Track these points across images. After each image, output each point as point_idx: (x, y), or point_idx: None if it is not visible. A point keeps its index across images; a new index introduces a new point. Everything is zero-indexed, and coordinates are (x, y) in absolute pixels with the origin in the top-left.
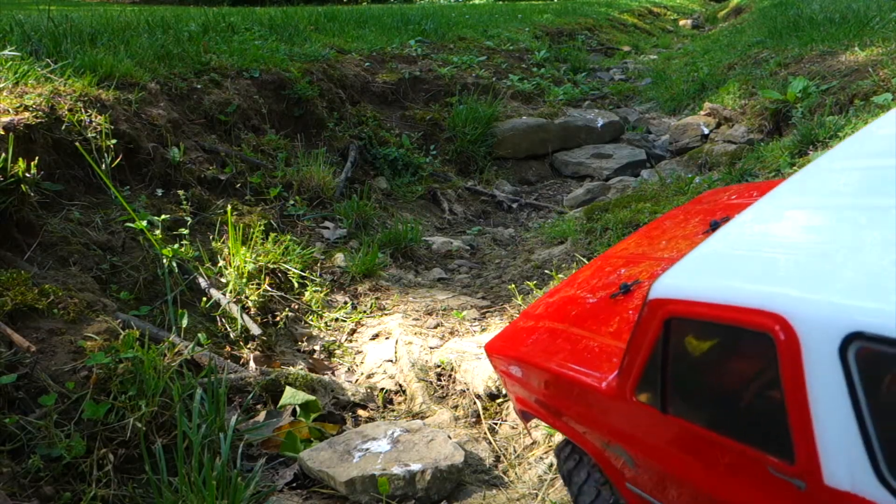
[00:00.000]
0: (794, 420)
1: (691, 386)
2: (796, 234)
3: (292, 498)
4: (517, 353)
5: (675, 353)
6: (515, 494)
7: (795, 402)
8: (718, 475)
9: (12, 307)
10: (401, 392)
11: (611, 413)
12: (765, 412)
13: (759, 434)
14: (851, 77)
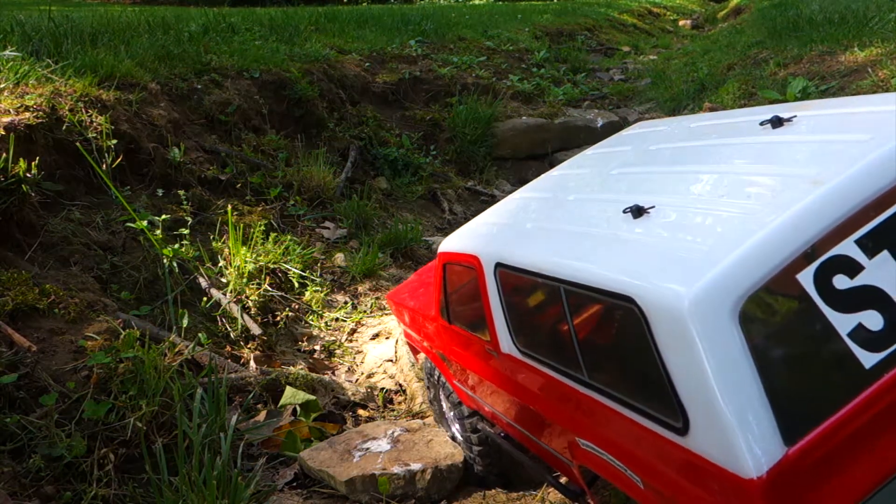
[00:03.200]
0: (487, 316)
1: (455, 303)
2: (499, 216)
3: (292, 497)
4: (400, 300)
5: (448, 284)
6: (515, 494)
7: (486, 305)
8: (470, 354)
9: (13, 307)
10: (401, 392)
11: (435, 331)
12: (478, 313)
13: (478, 327)
14: (851, 77)
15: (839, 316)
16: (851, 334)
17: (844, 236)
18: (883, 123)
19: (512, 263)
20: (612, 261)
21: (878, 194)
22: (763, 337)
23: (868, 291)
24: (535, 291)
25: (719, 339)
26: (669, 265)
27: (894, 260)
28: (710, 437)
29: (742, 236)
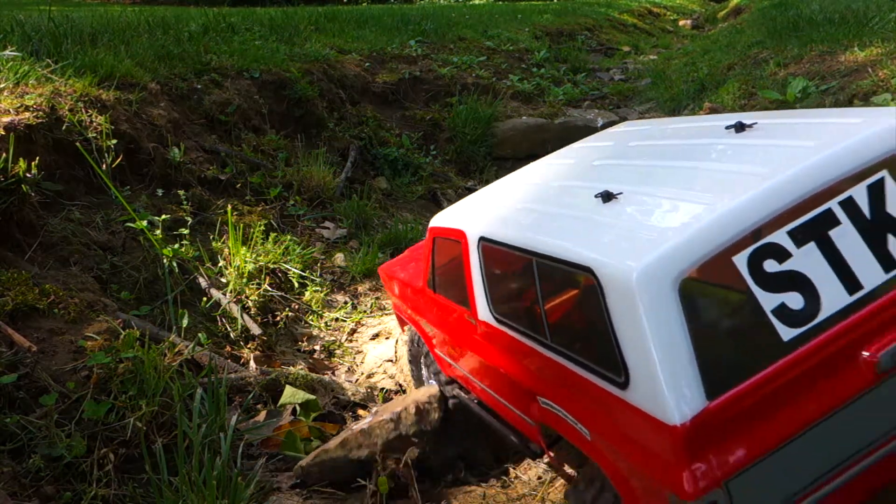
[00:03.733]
0: (468, 286)
1: (440, 274)
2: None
3: (292, 497)
4: (392, 272)
5: (436, 257)
6: (515, 494)
7: (468, 277)
8: (452, 322)
9: (13, 307)
10: (401, 392)
11: (420, 301)
12: (461, 284)
13: (461, 298)
14: (851, 77)
15: (766, 295)
16: (775, 311)
17: (778, 227)
18: (825, 133)
19: (494, 238)
20: (578, 238)
21: (809, 194)
22: (697, 308)
23: (793, 276)
24: (511, 264)
25: (660, 308)
26: (626, 243)
27: (819, 250)
28: (645, 391)
29: (690, 222)
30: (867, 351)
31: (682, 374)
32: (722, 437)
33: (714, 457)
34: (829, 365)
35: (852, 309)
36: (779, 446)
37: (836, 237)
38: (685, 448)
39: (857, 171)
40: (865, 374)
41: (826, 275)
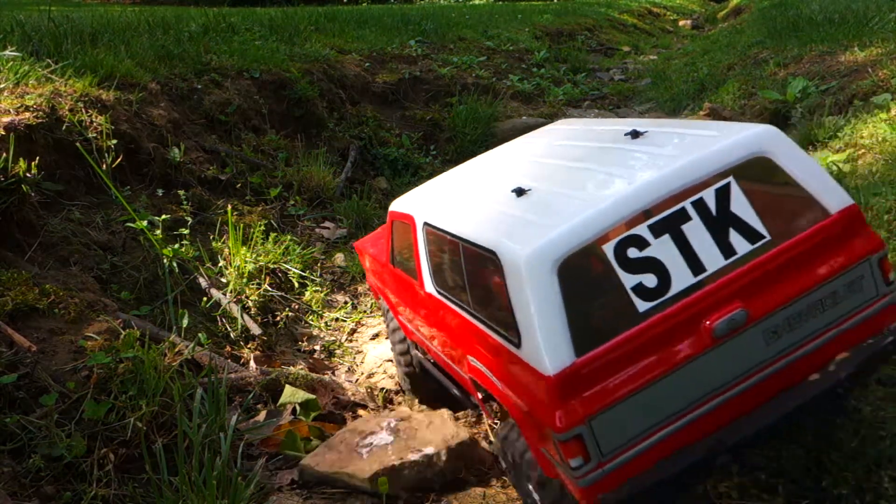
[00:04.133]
0: (416, 263)
1: (397, 252)
2: (431, 187)
3: (292, 497)
4: (364, 248)
5: (394, 236)
6: (515, 494)
7: (416, 254)
8: (406, 293)
9: (13, 307)
10: (401, 392)
11: (385, 274)
12: (412, 261)
13: (411, 270)
14: (851, 77)
15: (627, 276)
16: (633, 288)
17: (641, 222)
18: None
19: (434, 224)
20: (491, 226)
21: (667, 196)
22: (571, 285)
23: (650, 261)
24: (446, 246)
25: (541, 285)
26: (523, 232)
27: (672, 241)
28: (530, 349)
29: (572, 217)
30: (707, 320)
31: (556, 336)
32: (586, 385)
33: (579, 400)
34: (675, 331)
35: (696, 287)
36: (632, 393)
37: (686, 230)
38: (557, 393)
39: (708, 177)
40: (705, 339)
41: (676, 260)
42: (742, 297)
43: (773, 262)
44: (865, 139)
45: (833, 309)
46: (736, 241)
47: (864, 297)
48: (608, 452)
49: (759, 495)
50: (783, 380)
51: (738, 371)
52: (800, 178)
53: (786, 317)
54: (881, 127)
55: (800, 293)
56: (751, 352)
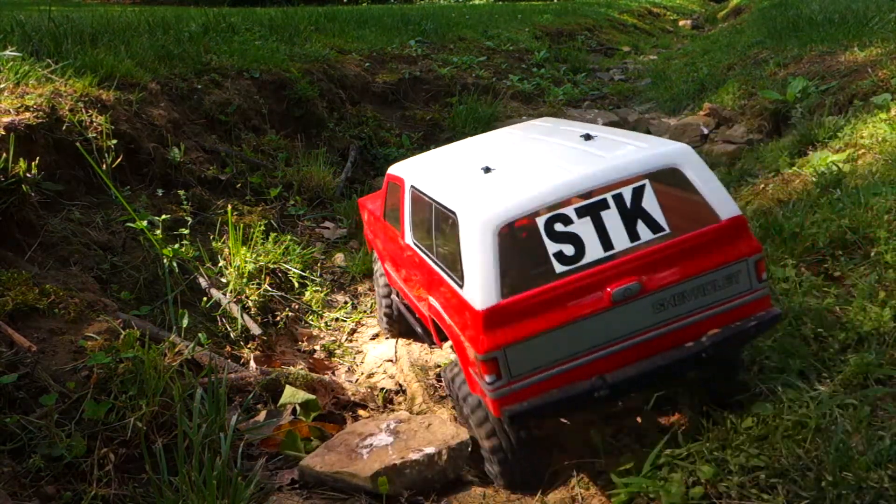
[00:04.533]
0: (401, 218)
1: (388, 208)
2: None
3: (292, 497)
4: (365, 203)
5: (388, 195)
6: (515, 494)
7: (402, 211)
8: (391, 243)
9: (13, 307)
10: (401, 392)
11: (378, 227)
12: (398, 216)
13: (397, 223)
14: (850, 77)
15: (551, 243)
16: (555, 254)
17: (569, 205)
18: (622, 150)
19: (418, 186)
20: (458, 193)
21: (594, 188)
22: (507, 246)
23: (571, 235)
24: (423, 205)
25: (484, 242)
26: (478, 200)
27: (591, 222)
28: (469, 290)
29: (518, 194)
30: (608, 287)
31: (488, 282)
32: (505, 321)
33: (499, 332)
34: (582, 291)
35: (604, 260)
36: (539, 333)
37: (604, 216)
38: (482, 325)
39: (629, 178)
40: (604, 301)
41: (592, 237)
42: (639, 273)
43: (669, 250)
44: (865, 139)
45: (712, 294)
46: (642, 229)
47: (739, 288)
48: (516, 375)
49: (759, 495)
50: (663, 342)
51: (627, 330)
52: (700, 189)
53: (672, 294)
54: (881, 127)
55: (686, 277)
56: (640, 317)
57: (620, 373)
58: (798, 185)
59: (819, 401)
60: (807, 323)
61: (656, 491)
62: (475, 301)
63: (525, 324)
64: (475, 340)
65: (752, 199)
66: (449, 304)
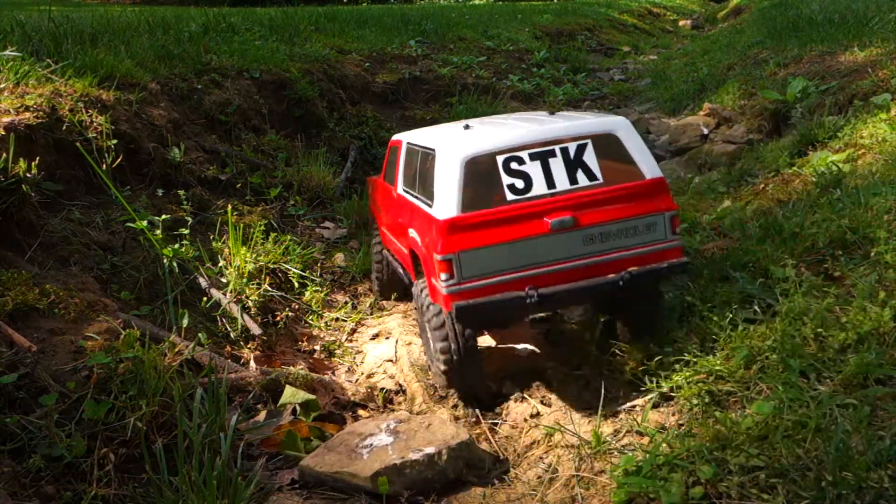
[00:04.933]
0: (396, 173)
1: (387, 168)
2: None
3: (292, 497)
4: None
5: (388, 158)
6: (515, 494)
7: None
8: (386, 198)
9: (13, 307)
10: (401, 392)
11: (378, 189)
12: (394, 172)
13: (392, 180)
14: (851, 77)
15: (506, 177)
16: (507, 186)
17: (524, 150)
18: (574, 120)
19: (411, 142)
20: (439, 139)
21: (546, 140)
22: (470, 175)
23: (523, 173)
24: (415, 155)
25: (452, 172)
26: (453, 142)
27: (540, 165)
28: (437, 206)
29: (484, 140)
30: (547, 217)
31: (450, 199)
32: (460, 232)
33: (455, 239)
34: (525, 217)
35: (546, 196)
36: (487, 246)
37: (551, 162)
38: (443, 232)
39: (575, 137)
40: (543, 228)
41: (539, 177)
42: (573, 210)
43: (600, 195)
44: (865, 139)
45: (633, 237)
46: (580, 176)
47: (655, 236)
48: (466, 277)
49: (759, 495)
50: (589, 271)
51: (560, 255)
52: (632, 153)
53: (599, 231)
54: (881, 127)
55: (611, 219)
56: (571, 246)
57: (551, 288)
58: (798, 185)
59: (819, 401)
60: (807, 323)
61: (656, 491)
62: (440, 213)
63: (477, 236)
64: (436, 245)
65: (752, 199)
66: (422, 228)
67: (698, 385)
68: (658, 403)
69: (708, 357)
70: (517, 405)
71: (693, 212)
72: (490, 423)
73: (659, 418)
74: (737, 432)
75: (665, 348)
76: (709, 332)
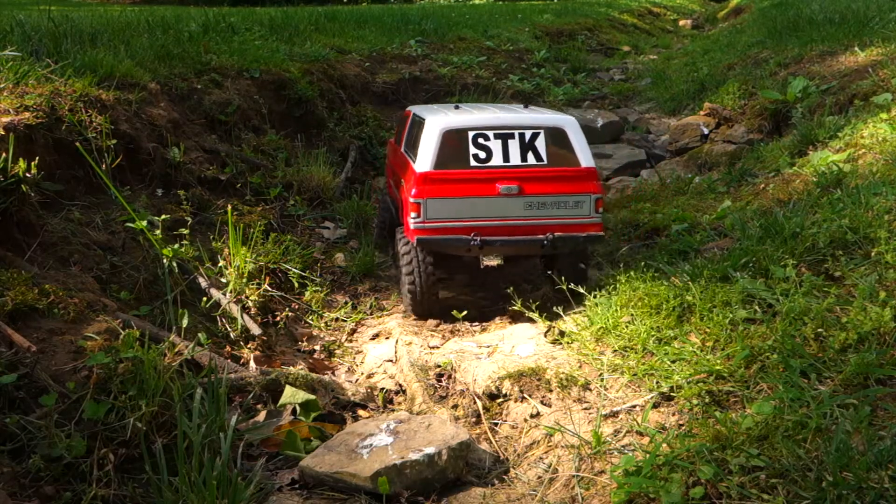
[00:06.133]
0: (404, 135)
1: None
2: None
3: (292, 497)
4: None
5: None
6: (515, 494)
7: (405, 131)
8: (395, 156)
9: (13, 307)
10: (401, 392)
11: (391, 151)
12: (402, 135)
13: (400, 141)
14: (851, 77)
15: (473, 148)
16: (472, 154)
17: (490, 130)
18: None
19: (416, 112)
20: (431, 113)
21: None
22: (446, 142)
23: (486, 147)
24: (414, 123)
25: (432, 137)
26: (439, 117)
27: (500, 144)
28: (418, 162)
29: (464, 117)
30: (499, 183)
31: (427, 158)
32: (430, 184)
33: (426, 187)
34: (482, 181)
35: (501, 167)
36: (450, 197)
37: (509, 143)
38: (419, 181)
39: (531, 127)
40: (495, 191)
41: (498, 152)
42: (519, 181)
43: (542, 173)
44: (866, 139)
45: (564, 210)
46: (530, 156)
47: (581, 212)
48: (429, 218)
49: (759, 496)
50: (523, 230)
51: (503, 214)
52: (574, 145)
53: (538, 201)
54: (881, 127)
55: (548, 193)
56: (513, 208)
57: (491, 237)
58: (798, 185)
59: (820, 401)
60: (807, 323)
61: (656, 491)
62: (418, 167)
63: (443, 188)
64: (411, 191)
65: (753, 199)
66: (406, 178)
67: (698, 385)
68: (658, 403)
69: (708, 357)
70: (517, 405)
71: (693, 212)
72: (490, 422)
73: (659, 418)
74: (737, 432)
75: None
76: (709, 332)
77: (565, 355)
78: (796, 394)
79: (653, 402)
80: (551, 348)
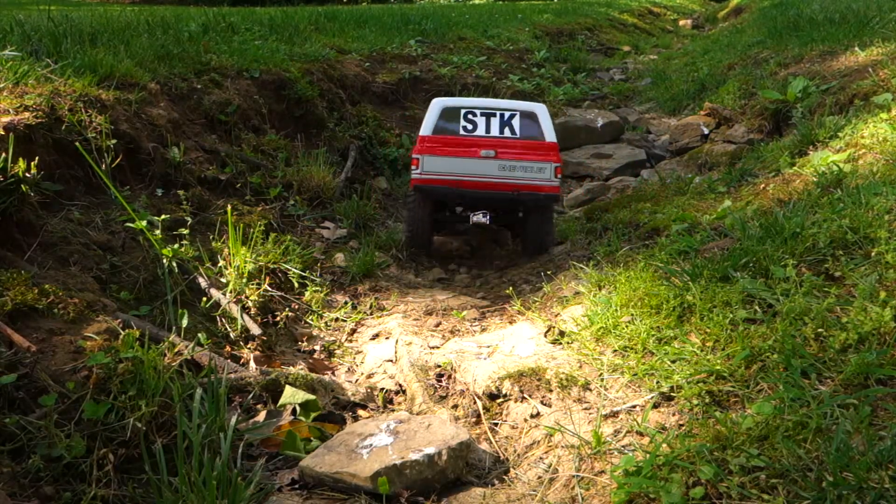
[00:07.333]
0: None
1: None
2: None
3: (292, 497)
4: None
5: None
6: (515, 494)
7: None
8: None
9: (12, 307)
10: (401, 392)
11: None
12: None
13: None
14: (851, 77)
15: (463, 122)
16: (462, 126)
17: (479, 110)
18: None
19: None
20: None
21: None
22: (443, 116)
23: (473, 121)
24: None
25: (435, 113)
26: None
27: (485, 120)
28: (423, 128)
29: (459, 100)
30: (479, 149)
31: (430, 125)
32: (429, 144)
33: (425, 146)
34: (468, 146)
35: (483, 137)
36: (442, 156)
37: (492, 120)
38: (422, 142)
39: (512, 110)
40: (476, 154)
41: (482, 126)
42: (496, 148)
43: (515, 144)
44: (866, 139)
45: (530, 174)
46: (507, 131)
47: (543, 177)
48: (425, 171)
49: (759, 496)
50: (498, 186)
51: (482, 173)
52: (542, 125)
53: (509, 164)
54: (882, 127)
55: (518, 159)
56: (490, 169)
57: (472, 191)
58: (798, 185)
59: (820, 401)
60: (807, 323)
61: (656, 491)
62: (422, 132)
63: (437, 149)
64: (415, 149)
65: (753, 199)
66: (418, 143)
67: (698, 385)
68: (658, 403)
69: (708, 357)
70: (517, 405)
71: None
72: (490, 422)
73: (659, 418)
74: (737, 432)
75: None
76: (709, 332)
77: (565, 355)
78: (796, 394)
79: (653, 402)
80: (551, 348)
